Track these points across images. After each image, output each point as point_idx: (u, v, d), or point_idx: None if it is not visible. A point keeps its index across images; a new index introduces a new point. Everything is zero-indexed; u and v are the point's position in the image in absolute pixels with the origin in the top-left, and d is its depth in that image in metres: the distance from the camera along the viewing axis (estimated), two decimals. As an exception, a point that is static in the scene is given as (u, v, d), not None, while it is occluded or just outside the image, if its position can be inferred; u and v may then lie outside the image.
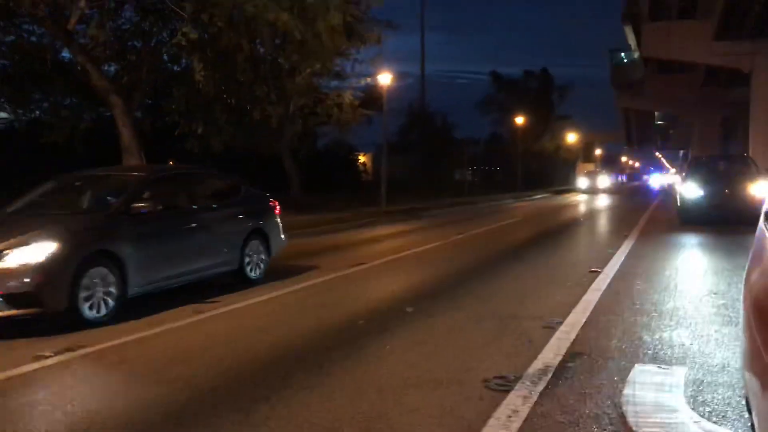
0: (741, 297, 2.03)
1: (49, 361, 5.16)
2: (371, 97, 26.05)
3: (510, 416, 3.85)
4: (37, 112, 20.91)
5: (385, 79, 24.22)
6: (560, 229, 17.23)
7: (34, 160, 27.66)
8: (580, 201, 34.40)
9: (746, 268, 2.11)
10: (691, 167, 18.46)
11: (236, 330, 6.29)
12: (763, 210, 2.26)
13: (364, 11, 18.39)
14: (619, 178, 66.70)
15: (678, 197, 16.98)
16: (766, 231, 1.96)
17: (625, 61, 52.80)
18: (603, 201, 33.78)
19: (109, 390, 4.47)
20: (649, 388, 4.34)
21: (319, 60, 17.89)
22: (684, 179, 17.00)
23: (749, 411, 1.75)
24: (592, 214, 23.89)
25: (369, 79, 24.02)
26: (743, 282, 2.07)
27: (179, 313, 6.89)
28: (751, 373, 1.68)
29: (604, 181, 48.05)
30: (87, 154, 21.54)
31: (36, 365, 5.07)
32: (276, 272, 9.79)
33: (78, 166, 28.61)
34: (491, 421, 3.79)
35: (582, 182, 47.67)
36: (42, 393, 4.43)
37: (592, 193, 43.42)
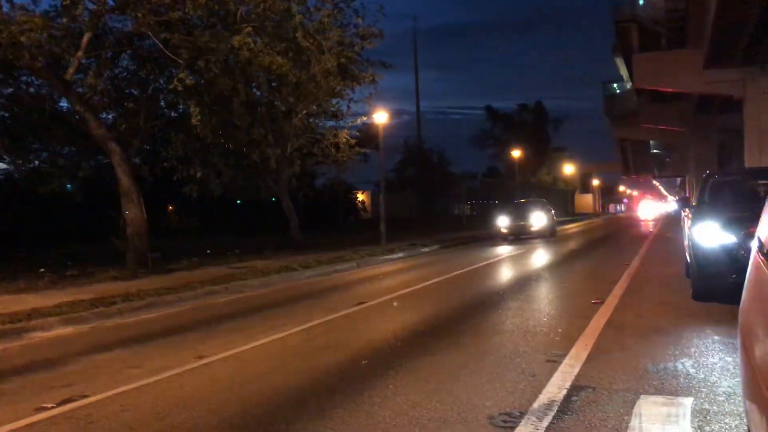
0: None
1: (50, 413, 5.12)
2: (367, 135, 26.28)
3: (516, 453, 3.82)
4: (36, 162, 21.05)
5: (380, 117, 24.44)
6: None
7: (33, 209, 27.85)
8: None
9: (742, 296, 2.12)
10: (708, 192, 10.44)
11: (239, 374, 6.25)
12: (756, 236, 2.28)
13: (358, 52, 18.62)
14: (618, 208, 65.96)
15: (689, 248, 9.54)
16: (760, 261, 1.98)
17: (618, 92, 53.43)
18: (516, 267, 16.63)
19: (112, 440, 4.42)
20: (656, 419, 4.31)
21: (314, 101, 18.08)
22: (696, 214, 9.59)
23: None
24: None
25: (365, 118, 24.24)
26: (739, 311, 2.08)
27: (180, 359, 6.85)
28: (750, 402, 1.69)
29: (540, 218, 27.95)
30: (86, 201, 21.68)
31: (38, 417, 5.04)
32: (278, 314, 9.79)
33: (77, 213, 28.78)
34: (498, 459, 3.76)
35: (503, 221, 27.90)
36: (44, 445, 4.39)
37: (517, 241, 26.60)
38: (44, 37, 13.57)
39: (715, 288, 8.42)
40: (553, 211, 30.55)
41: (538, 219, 27.82)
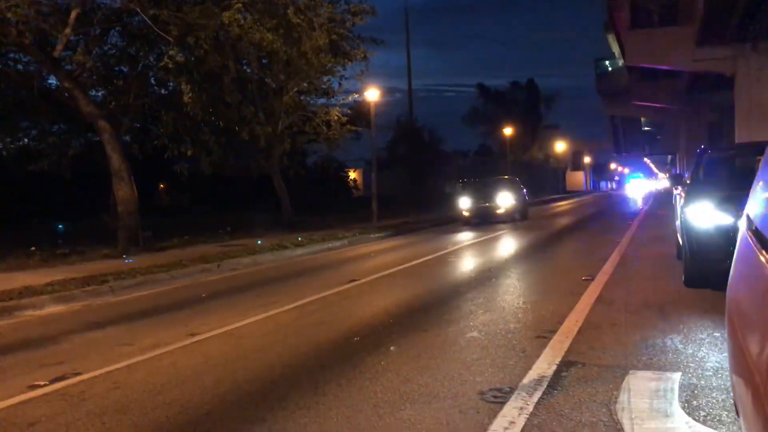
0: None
1: (43, 390, 5.14)
2: (359, 113, 26.15)
3: (506, 428, 3.87)
4: (25, 140, 20.90)
5: (372, 95, 24.33)
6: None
7: (22, 188, 27.68)
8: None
9: (730, 272, 2.15)
10: (703, 169, 9.88)
11: (231, 351, 6.28)
12: (745, 213, 2.30)
13: (349, 29, 18.48)
14: (608, 185, 65.59)
15: (681, 229, 8.95)
16: (748, 238, 2.00)
17: (610, 69, 53.26)
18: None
19: (105, 417, 4.44)
20: (644, 394, 4.37)
21: (305, 79, 17.99)
22: (689, 192, 8.84)
23: (737, 414, 1.78)
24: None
25: (356, 96, 24.14)
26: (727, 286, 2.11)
27: (173, 337, 6.88)
28: (736, 376, 1.71)
29: (506, 198, 24.46)
30: (76, 179, 21.56)
31: (31, 394, 5.05)
32: (270, 291, 9.82)
33: (67, 192, 28.70)
34: (488, 433, 3.80)
35: (464, 202, 24.49)
36: (38, 422, 4.40)
37: (477, 224, 23.50)
38: (31, 13, 13.40)
39: (710, 273, 7.52)
40: (524, 190, 27.04)
41: (505, 199, 24.25)
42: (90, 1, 15.28)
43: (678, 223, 9.69)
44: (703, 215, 7.93)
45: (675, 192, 11.67)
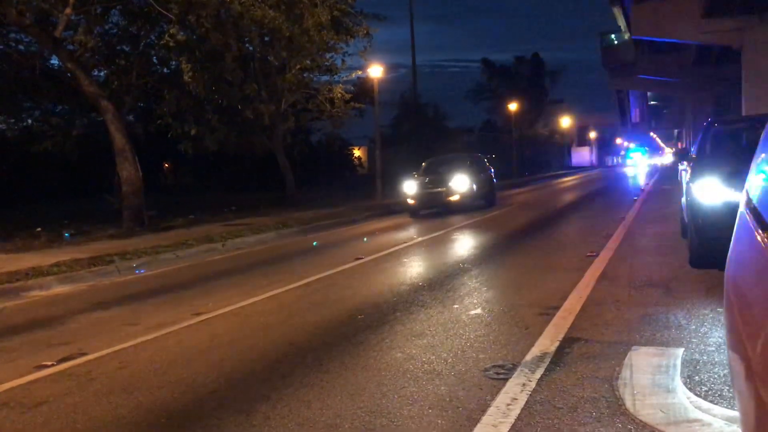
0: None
1: (50, 370, 5.20)
2: (362, 90, 26.06)
3: (509, 404, 3.89)
4: (29, 121, 20.93)
5: (375, 72, 24.20)
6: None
7: (27, 169, 27.77)
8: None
9: (730, 247, 2.14)
10: (710, 142, 9.42)
11: (237, 330, 6.32)
12: (744, 189, 2.29)
13: (351, 5, 18.33)
14: (614, 161, 64.79)
15: (687, 206, 8.52)
16: (746, 215, 1.99)
17: (616, 43, 52.75)
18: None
19: (111, 396, 4.49)
20: (646, 370, 4.38)
21: (308, 56, 17.90)
22: (696, 167, 8.51)
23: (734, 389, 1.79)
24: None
25: (360, 72, 24.02)
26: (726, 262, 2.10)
27: (178, 316, 6.92)
28: (732, 352, 1.72)
29: (461, 181, 19.40)
30: (80, 160, 21.60)
31: (38, 374, 5.11)
32: (275, 271, 9.85)
33: (71, 172, 28.75)
34: (491, 410, 3.82)
35: (410, 187, 19.55)
36: (45, 402, 4.45)
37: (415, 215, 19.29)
38: (31, -8, 13.32)
39: (717, 253, 7.09)
40: (491, 170, 22.19)
41: (460, 183, 19.08)
42: (90, -20, 15.20)
43: (683, 199, 9.43)
44: (709, 191, 7.55)
45: (680, 167, 11.46)
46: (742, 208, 2.16)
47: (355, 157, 44.42)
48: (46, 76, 17.79)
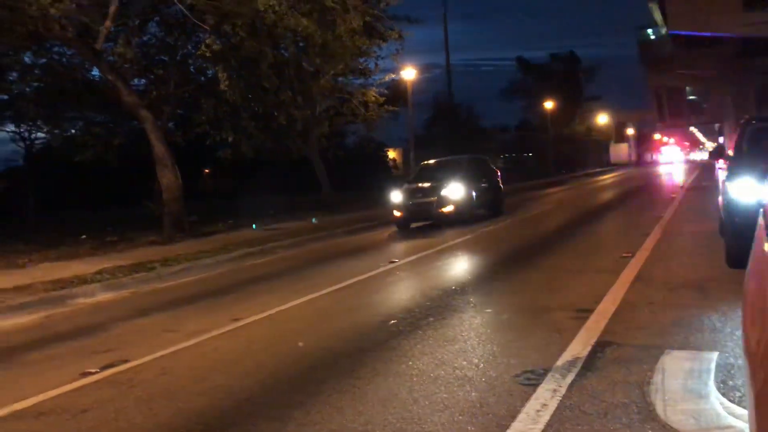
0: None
1: (94, 377, 5.38)
2: (396, 92, 26.12)
3: (539, 410, 3.93)
4: (72, 131, 21.51)
5: (409, 74, 24.28)
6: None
7: (71, 177, 28.52)
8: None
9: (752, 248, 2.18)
10: (747, 140, 9.27)
11: (273, 336, 6.45)
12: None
13: (383, 9, 18.44)
14: (654, 157, 62.89)
15: (724, 205, 8.54)
16: (761, 221, 2.03)
17: (653, 38, 51.97)
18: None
19: (152, 403, 4.64)
20: (678, 375, 4.37)
21: (341, 61, 18.04)
22: (732, 166, 8.46)
23: None
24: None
25: (393, 75, 24.10)
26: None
27: (216, 322, 7.08)
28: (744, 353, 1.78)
29: (456, 189, 16.50)
30: (121, 167, 22.11)
31: (83, 381, 5.30)
32: (310, 275, 9.99)
33: (113, 180, 29.29)
34: (521, 416, 3.87)
35: (397, 197, 16.72)
36: (89, 409, 4.63)
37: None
38: (72, 7, 13.70)
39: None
40: (498, 175, 19.37)
41: (455, 192, 16.33)
42: (128, -7, 15.60)
43: (720, 198, 9.33)
44: (746, 190, 7.45)
45: (717, 166, 11.30)
46: (760, 217, 2.18)
47: (390, 159, 44.50)
48: (87, 87, 18.29)
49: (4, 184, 26.97)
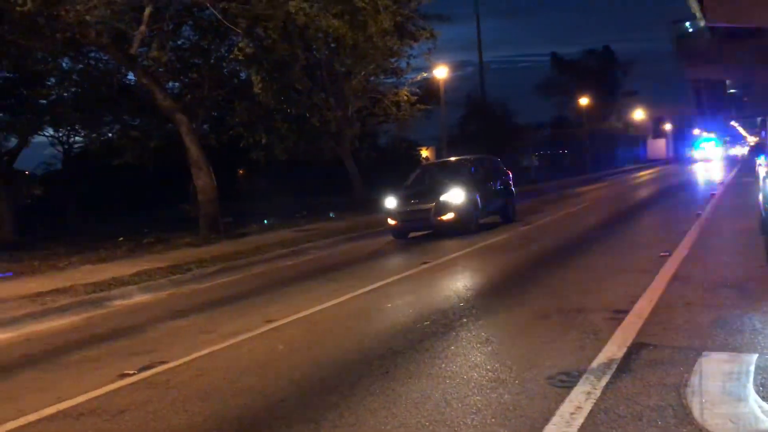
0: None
1: (132, 379, 5.48)
2: (428, 91, 26.06)
3: (573, 413, 3.88)
4: (109, 134, 21.92)
5: (441, 73, 24.21)
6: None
7: (108, 180, 29.05)
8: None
9: None
10: None
11: (306, 337, 6.49)
12: None
13: (414, 9, 18.41)
14: (689, 151, 60.12)
15: (763, 202, 8.95)
16: None
17: (690, 30, 50.94)
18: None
19: (188, 404, 4.71)
20: (716, 377, 4.29)
21: (372, 62, 18.07)
22: None
23: None
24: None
25: (425, 74, 24.04)
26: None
27: (251, 324, 7.15)
28: None
29: (456, 194, 14.45)
30: (157, 170, 22.46)
31: (121, 383, 5.39)
32: (342, 276, 10.02)
33: (150, 182, 29.75)
34: (554, 419, 3.83)
35: (391, 203, 14.98)
36: (127, 410, 4.71)
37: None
38: (108, 13, 13.95)
39: None
40: (509, 175, 17.43)
41: (455, 198, 14.34)
42: (162, -2, 15.83)
43: (760, 195, 9.22)
44: None
45: (757, 161, 11.15)
46: None
47: (423, 158, 44.42)
48: (123, 92, 18.62)
49: (41, 188, 27.55)
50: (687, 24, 52.13)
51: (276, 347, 6.19)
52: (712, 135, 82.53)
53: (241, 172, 40.37)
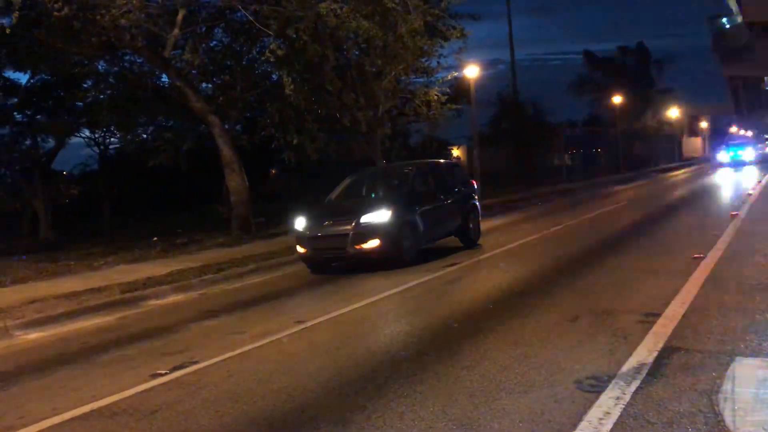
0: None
1: (164, 378, 5.57)
2: (459, 90, 25.93)
3: (601, 419, 3.86)
4: (144, 136, 22.25)
5: (471, 72, 24.09)
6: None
7: (143, 181, 29.48)
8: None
9: None
10: None
11: (335, 338, 6.53)
12: None
13: (444, 9, 18.33)
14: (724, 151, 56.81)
15: None
16: None
17: (727, 27, 49.99)
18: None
19: (218, 404, 4.77)
20: (750, 383, 4.22)
21: (402, 62, 18.05)
22: None
23: None
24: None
25: (456, 73, 23.91)
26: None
27: (281, 324, 7.21)
28: None
29: (382, 214, 10.75)
30: (190, 171, 22.73)
31: (153, 382, 5.49)
32: (371, 277, 10.04)
33: (183, 183, 29.98)
34: (582, 424, 3.81)
35: (301, 224, 11.35)
36: (158, 410, 4.79)
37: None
38: (142, 17, 14.18)
39: None
40: (472, 185, 14.35)
41: (379, 217, 10.70)
42: (195, 1, 16.00)
43: None
44: None
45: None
46: None
47: (454, 158, 44.28)
48: (157, 94, 18.85)
49: (78, 189, 28.02)
50: (724, 20, 51.28)
51: (305, 348, 6.24)
52: (749, 134, 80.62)
53: (273, 172, 40.66)
